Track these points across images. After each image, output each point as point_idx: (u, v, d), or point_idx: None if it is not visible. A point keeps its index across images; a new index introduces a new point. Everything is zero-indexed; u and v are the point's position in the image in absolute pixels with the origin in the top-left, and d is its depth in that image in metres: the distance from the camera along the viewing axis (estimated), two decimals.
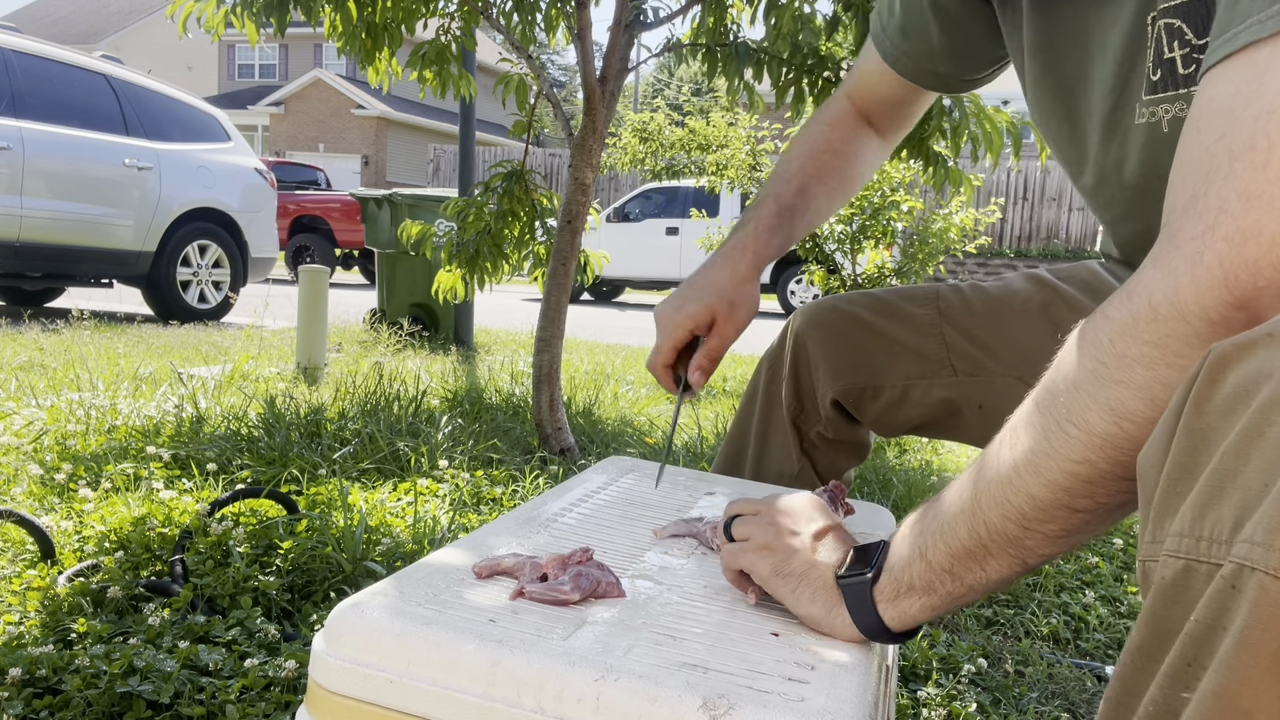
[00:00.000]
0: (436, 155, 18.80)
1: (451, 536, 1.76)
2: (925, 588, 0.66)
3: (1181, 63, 0.76)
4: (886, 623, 0.67)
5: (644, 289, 13.43)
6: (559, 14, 2.68)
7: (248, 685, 1.19)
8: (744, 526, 0.76)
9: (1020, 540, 0.63)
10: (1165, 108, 0.79)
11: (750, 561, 0.73)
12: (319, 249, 13.07)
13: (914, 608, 0.67)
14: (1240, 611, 0.46)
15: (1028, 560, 0.64)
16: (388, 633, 0.60)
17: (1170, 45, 0.77)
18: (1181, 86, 0.77)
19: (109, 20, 30.56)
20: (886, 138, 1.23)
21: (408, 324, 5.31)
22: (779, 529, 0.74)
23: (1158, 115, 0.80)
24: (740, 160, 6.20)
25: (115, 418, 2.48)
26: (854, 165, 1.19)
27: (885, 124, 1.21)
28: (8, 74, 5.38)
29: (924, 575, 0.66)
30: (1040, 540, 0.63)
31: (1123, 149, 0.86)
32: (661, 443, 2.75)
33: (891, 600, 0.67)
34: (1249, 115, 0.58)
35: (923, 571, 0.66)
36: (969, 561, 0.65)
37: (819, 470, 1.22)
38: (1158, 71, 0.78)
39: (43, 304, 6.93)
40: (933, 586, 0.66)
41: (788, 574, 0.71)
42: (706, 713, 0.55)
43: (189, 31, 2.61)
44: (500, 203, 2.77)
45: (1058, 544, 0.63)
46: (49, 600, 1.38)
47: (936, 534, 0.66)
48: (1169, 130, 0.79)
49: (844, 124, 1.19)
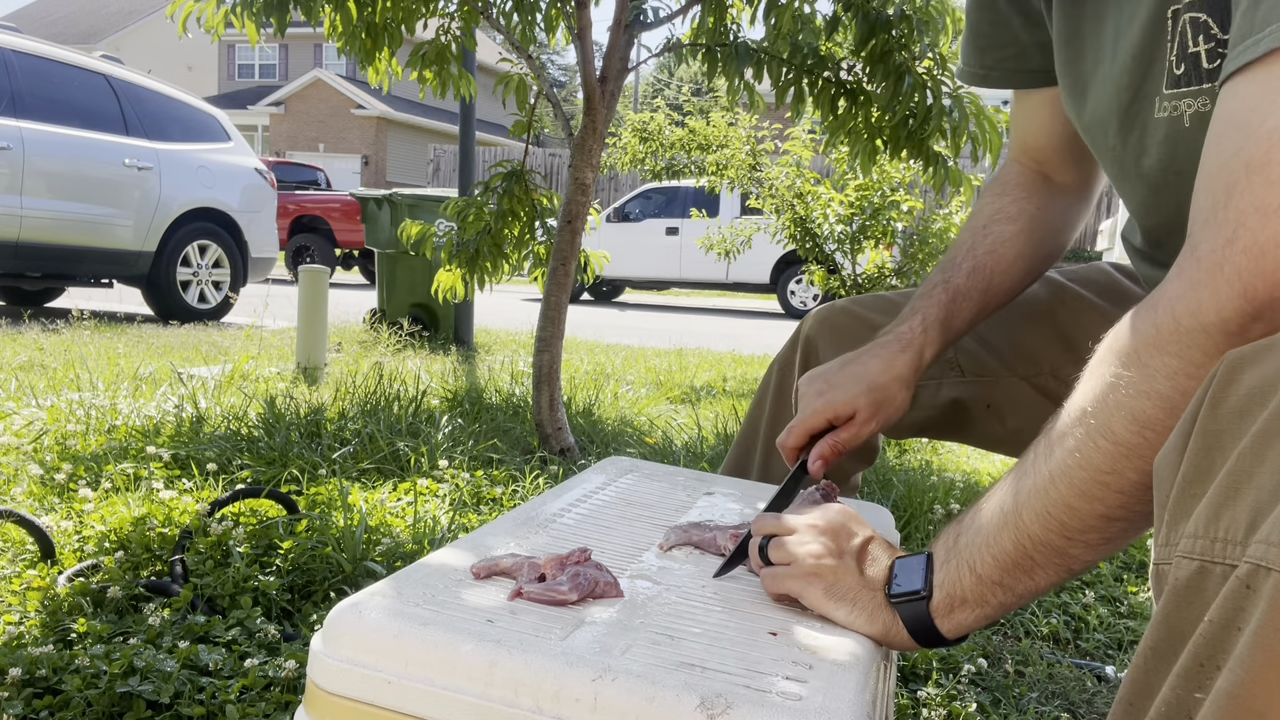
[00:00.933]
0: (436, 155, 18.81)
1: (451, 536, 1.76)
2: (978, 600, 0.67)
3: (1206, 57, 0.76)
4: (944, 634, 0.69)
5: (644, 289, 13.43)
6: (559, 14, 2.68)
7: (248, 685, 1.19)
8: (782, 550, 0.75)
9: (1064, 550, 0.64)
10: (1188, 102, 0.78)
11: (799, 588, 0.72)
12: (319, 249, 13.07)
13: (969, 619, 0.68)
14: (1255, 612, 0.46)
15: (1073, 568, 0.65)
16: (386, 633, 0.60)
17: (1195, 39, 0.76)
18: (1205, 81, 0.76)
19: (109, 20, 30.56)
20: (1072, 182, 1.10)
21: (408, 324, 5.31)
22: (821, 551, 0.74)
23: (1179, 109, 0.79)
24: (740, 160, 6.20)
25: (115, 418, 2.48)
26: (1038, 225, 1.08)
27: (1062, 166, 1.09)
28: (8, 74, 5.38)
29: (975, 589, 0.67)
30: (1083, 549, 0.64)
31: (1141, 142, 0.85)
32: (661, 443, 2.75)
33: (946, 615, 0.68)
34: (1265, 130, 0.59)
35: (974, 585, 0.67)
36: (1017, 573, 0.66)
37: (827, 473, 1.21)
38: (1181, 65, 0.78)
39: (43, 304, 6.93)
40: (985, 599, 0.67)
41: (840, 598, 0.71)
42: (704, 712, 0.55)
43: (189, 31, 2.61)
44: (500, 203, 2.77)
45: (1099, 551, 0.64)
46: (49, 600, 1.38)
47: (982, 547, 0.67)
48: (1190, 125, 0.78)
49: (1016, 187, 1.10)
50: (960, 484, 2.47)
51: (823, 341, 1.19)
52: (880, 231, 5.27)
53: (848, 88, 2.57)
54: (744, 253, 6.92)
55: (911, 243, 5.46)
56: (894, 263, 5.54)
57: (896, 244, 5.42)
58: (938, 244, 5.32)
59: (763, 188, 5.86)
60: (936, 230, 5.33)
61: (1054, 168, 1.10)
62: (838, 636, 0.68)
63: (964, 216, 5.42)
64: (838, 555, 0.73)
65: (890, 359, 1.02)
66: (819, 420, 1.01)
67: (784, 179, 5.63)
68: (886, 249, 5.48)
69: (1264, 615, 0.46)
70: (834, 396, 1.01)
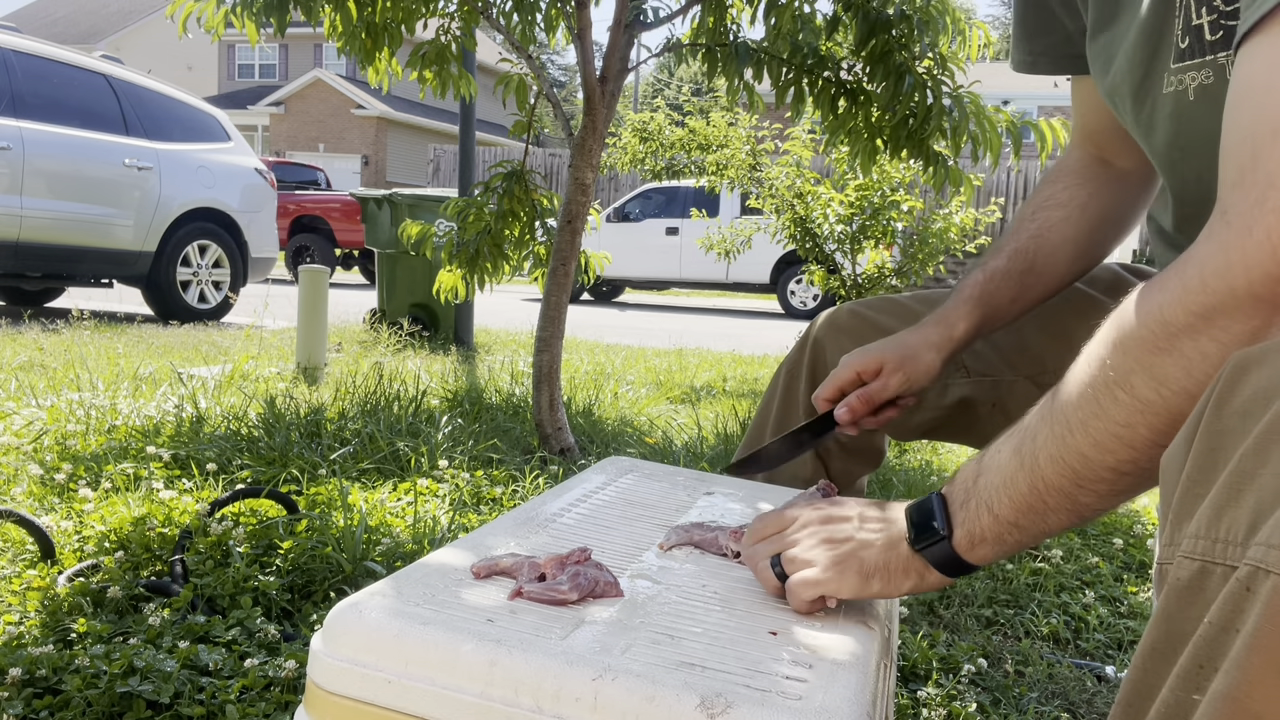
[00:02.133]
0: (436, 155, 18.80)
1: (451, 536, 1.76)
2: (995, 539, 0.69)
3: (1209, 29, 0.76)
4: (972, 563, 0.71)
5: (644, 289, 13.43)
6: (559, 14, 2.68)
7: (248, 685, 1.19)
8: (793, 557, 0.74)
9: (1075, 497, 0.65)
10: (1192, 75, 0.78)
11: (834, 587, 0.72)
12: (319, 249, 13.07)
13: (988, 553, 0.70)
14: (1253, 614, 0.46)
15: (1083, 514, 0.66)
16: (385, 633, 0.60)
17: (1199, 11, 0.76)
18: (1208, 53, 0.76)
19: (109, 20, 30.56)
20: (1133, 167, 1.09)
21: (408, 324, 5.31)
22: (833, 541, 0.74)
23: (1184, 84, 0.79)
24: (740, 160, 6.19)
25: (115, 418, 2.48)
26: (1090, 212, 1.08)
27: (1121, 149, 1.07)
28: (8, 74, 5.38)
29: (993, 528, 0.69)
30: (1093, 497, 0.65)
31: (1151, 118, 0.86)
32: (661, 442, 2.75)
33: (968, 551, 0.70)
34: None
35: (991, 524, 0.69)
36: (1031, 515, 0.67)
37: (832, 474, 1.22)
38: (1185, 39, 0.78)
39: (43, 304, 6.93)
40: (1001, 538, 0.69)
41: (873, 573, 0.72)
42: (704, 711, 0.55)
43: (189, 31, 2.61)
44: (500, 203, 2.77)
45: (1108, 500, 0.65)
46: (49, 600, 1.38)
47: (1000, 489, 0.68)
48: (1195, 99, 0.78)
49: (1070, 174, 1.10)
50: None
51: (830, 344, 1.19)
52: (880, 231, 5.27)
53: (848, 88, 2.57)
54: (744, 253, 6.92)
55: (911, 243, 5.46)
56: (894, 263, 5.54)
57: (896, 244, 5.42)
58: (938, 244, 5.32)
59: (763, 188, 5.86)
60: (936, 230, 5.33)
61: (1113, 151, 1.09)
62: (838, 636, 0.68)
63: (964, 216, 5.42)
64: (849, 540, 0.74)
65: (927, 331, 1.06)
66: (848, 373, 1.05)
67: (784, 179, 5.63)
68: (886, 249, 5.48)
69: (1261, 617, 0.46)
70: (865, 354, 1.06)
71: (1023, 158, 13.69)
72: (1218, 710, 0.47)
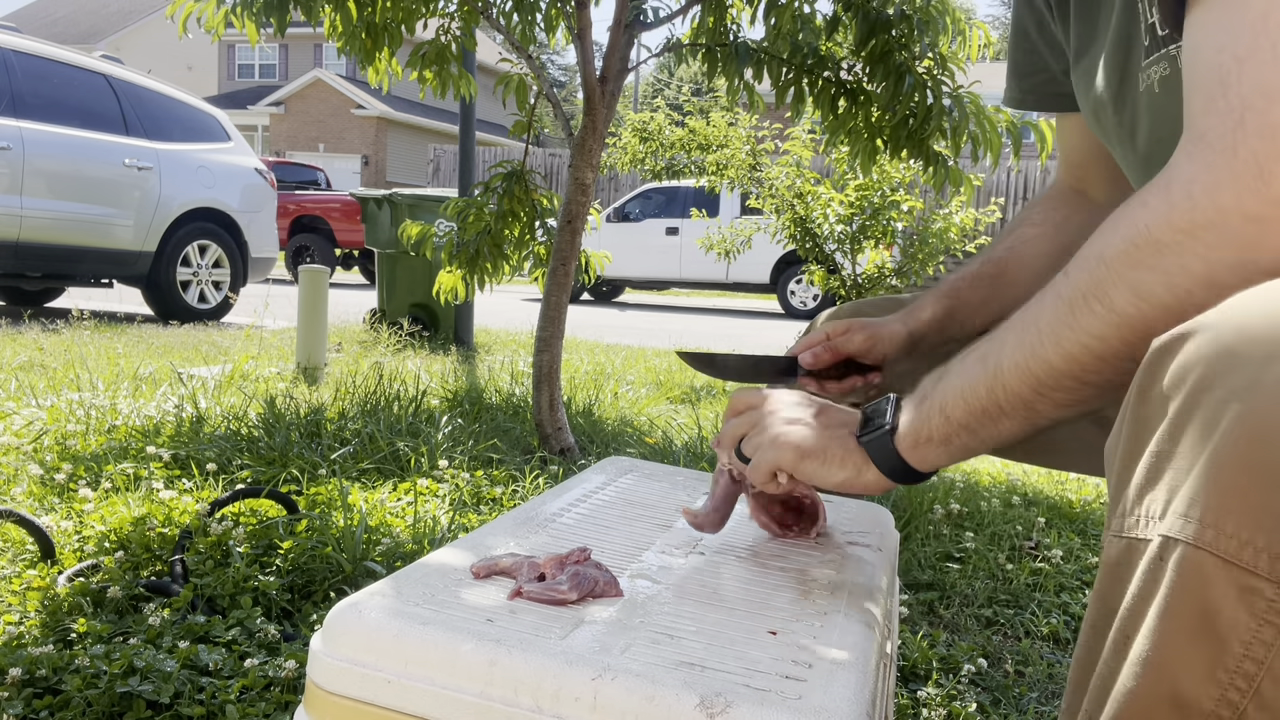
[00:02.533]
0: (436, 155, 18.80)
1: (451, 536, 1.76)
2: (943, 440, 0.72)
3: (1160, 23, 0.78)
4: (912, 465, 0.73)
5: (644, 289, 13.43)
6: (559, 14, 2.68)
7: (248, 685, 1.19)
8: (752, 439, 0.79)
9: (1033, 405, 0.67)
10: (1155, 70, 0.80)
11: (775, 458, 0.77)
12: (319, 249, 13.07)
13: (932, 454, 0.73)
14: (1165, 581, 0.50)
15: (1037, 422, 0.68)
16: (385, 632, 0.60)
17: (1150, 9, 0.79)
18: (1162, 47, 0.78)
19: (109, 20, 30.56)
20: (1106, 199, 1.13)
21: (408, 324, 5.31)
22: (785, 420, 0.79)
23: (1150, 78, 0.81)
24: (740, 160, 6.20)
25: (115, 418, 2.48)
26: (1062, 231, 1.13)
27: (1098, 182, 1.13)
28: (8, 74, 5.38)
29: (942, 429, 0.71)
30: (1050, 406, 0.67)
31: (1133, 120, 0.88)
32: (661, 442, 2.75)
33: (911, 449, 0.73)
34: (1245, 21, 0.59)
35: (941, 425, 0.71)
36: (985, 420, 0.69)
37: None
38: (1147, 38, 0.81)
39: (43, 304, 6.93)
40: (949, 439, 0.71)
41: (810, 454, 0.76)
42: (704, 711, 0.55)
43: (189, 31, 2.61)
44: (500, 203, 2.77)
45: (1064, 410, 0.67)
46: (49, 600, 1.38)
47: (958, 394, 0.70)
48: (1160, 91, 0.80)
49: (1050, 199, 1.16)
50: (960, 484, 2.47)
51: None
52: (880, 231, 5.28)
53: (848, 88, 2.57)
54: (744, 253, 6.93)
55: (911, 243, 5.46)
56: (894, 263, 5.54)
57: (896, 244, 5.42)
58: (938, 244, 5.32)
59: (763, 188, 5.86)
60: (936, 230, 5.33)
61: (1090, 184, 1.14)
62: (838, 635, 0.68)
63: (964, 216, 5.42)
64: (799, 421, 0.78)
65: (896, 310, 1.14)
66: (818, 335, 1.10)
67: (784, 179, 5.63)
68: (886, 249, 5.48)
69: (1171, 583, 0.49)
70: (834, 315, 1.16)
71: (1023, 158, 13.70)
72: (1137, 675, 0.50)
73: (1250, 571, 0.47)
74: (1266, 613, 0.47)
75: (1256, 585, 0.47)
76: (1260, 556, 0.47)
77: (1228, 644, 0.48)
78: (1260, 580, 0.47)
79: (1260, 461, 0.47)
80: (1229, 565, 0.47)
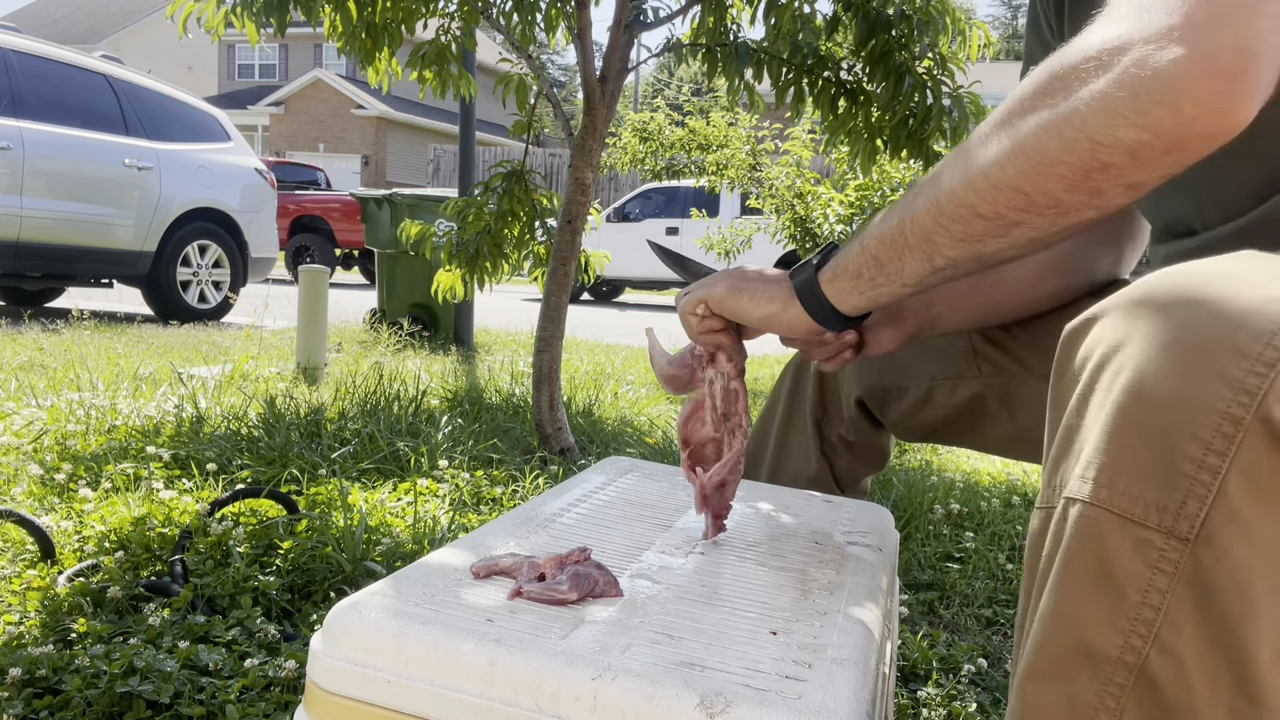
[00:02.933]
0: (436, 155, 18.79)
1: (451, 536, 1.76)
2: (855, 272, 0.76)
3: None
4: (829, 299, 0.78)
5: (644, 289, 13.42)
6: (559, 14, 2.68)
7: (248, 685, 1.19)
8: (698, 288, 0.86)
9: (931, 236, 0.70)
10: None
11: (705, 292, 0.83)
12: (319, 249, 13.06)
13: (846, 288, 0.77)
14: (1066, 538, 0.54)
15: (935, 260, 0.71)
16: (385, 632, 0.60)
17: None
18: None
19: (109, 20, 30.56)
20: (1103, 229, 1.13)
21: (408, 324, 5.31)
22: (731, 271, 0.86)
23: None
24: (740, 160, 6.20)
25: (115, 418, 2.48)
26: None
27: None
28: (8, 74, 5.38)
29: (857, 259, 0.76)
30: (946, 240, 0.69)
31: None
32: (661, 442, 2.75)
33: (830, 281, 0.78)
34: None
35: (857, 255, 0.76)
36: (890, 250, 0.73)
37: (836, 474, 1.23)
38: None
39: (43, 304, 6.92)
40: (861, 271, 0.76)
41: (742, 288, 0.82)
42: (704, 711, 0.55)
43: (189, 31, 2.61)
44: (500, 203, 2.77)
45: (960, 247, 0.70)
46: (49, 600, 1.38)
47: (876, 225, 0.75)
48: None
49: None
50: (960, 484, 2.47)
51: None
52: None
53: (848, 88, 2.57)
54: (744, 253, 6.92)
55: None
56: None
57: None
58: None
59: (763, 188, 5.86)
60: None
61: None
62: (837, 635, 0.68)
63: None
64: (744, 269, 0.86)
65: None
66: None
67: (784, 179, 5.63)
68: None
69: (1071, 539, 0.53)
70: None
71: None
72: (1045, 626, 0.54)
73: (1142, 524, 0.51)
74: (1159, 562, 0.50)
75: (1148, 537, 0.51)
76: (1150, 510, 0.51)
77: (1126, 593, 0.51)
78: (1151, 532, 0.50)
79: (1146, 422, 0.51)
80: (1123, 520, 0.51)
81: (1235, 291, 0.52)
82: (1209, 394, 0.49)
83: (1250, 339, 0.49)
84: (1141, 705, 0.52)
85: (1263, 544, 0.49)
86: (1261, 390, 0.48)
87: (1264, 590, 0.49)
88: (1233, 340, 0.50)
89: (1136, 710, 0.52)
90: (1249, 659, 0.49)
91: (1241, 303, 0.51)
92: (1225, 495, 0.49)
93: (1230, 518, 0.49)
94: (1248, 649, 0.49)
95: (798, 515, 1.00)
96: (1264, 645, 0.49)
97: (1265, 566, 0.49)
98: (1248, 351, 0.49)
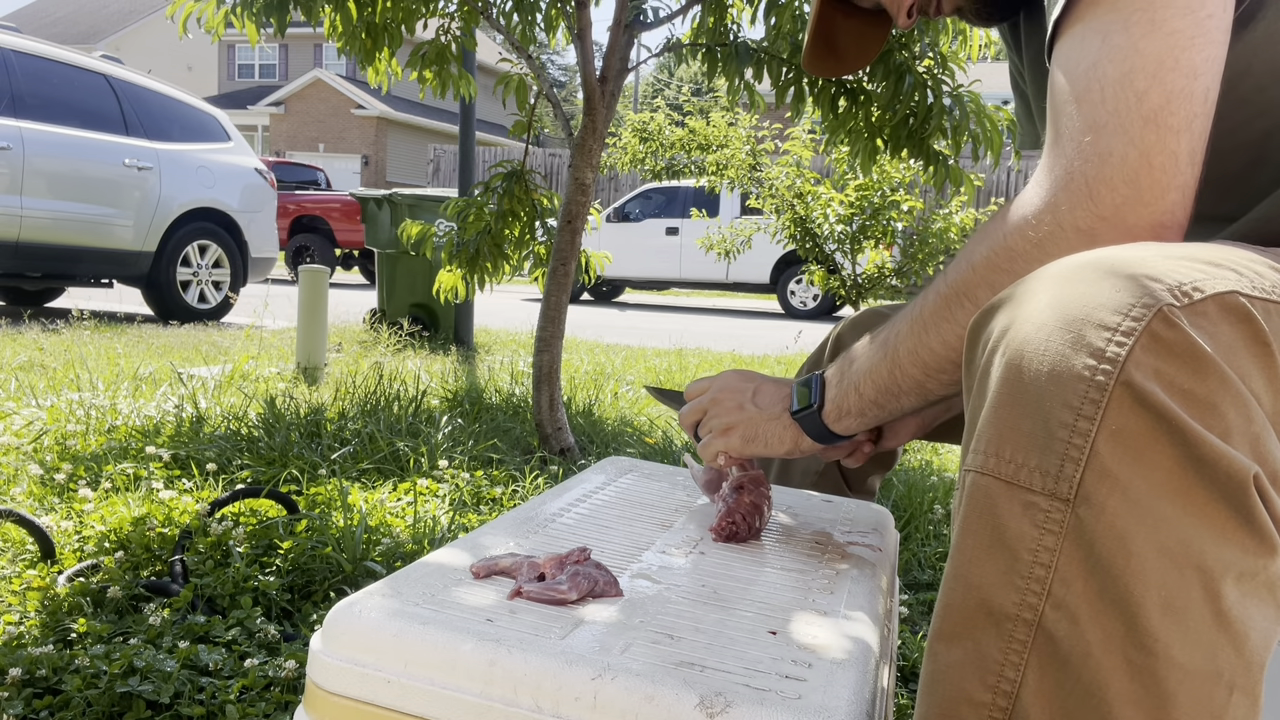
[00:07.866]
0: (436, 155, 18.79)
1: (451, 536, 1.76)
2: (859, 413, 0.84)
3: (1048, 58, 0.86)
4: (838, 433, 0.86)
5: (644, 289, 13.42)
6: (559, 14, 2.68)
7: (248, 685, 1.19)
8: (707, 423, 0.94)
9: (923, 384, 0.78)
10: None
11: (724, 444, 0.91)
12: (319, 249, 13.06)
13: (852, 425, 0.85)
14: (963, 507, 0.59)
15: (929, 398, 0.80)
16: (385, 632, 0.60)
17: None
18: None
19: (109, 20, 30.55)
20: None
21: (408, 324, 5.31)
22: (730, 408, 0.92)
23: None
24: (740, 160, 6.20)
25: (115, 418, 2.48)
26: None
27: None
28: (8, 74, 5.38)
29: (857, 404, 0.83)
30: (938, 385, 0.78)
31: None
32: (661, 442, 2.75)
33: (835, 421, 0.85)
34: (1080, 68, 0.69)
35: (856, 401, 0.83)
36: (888, 396, 0.81)
37: (844, 474, 1.23)
38: None
39: (43, 304, 6.92)
40: (864, 412, 0.83)
41: (754, 438, 0.90)
42: (703, 711, 0.55)
43: (189, 31, 2.61)
44: (500, 203, 2.77)
45: (949, 389, 0.78)
46: (49, 600, 1.38)
47: (866, 374, 0.82)
48: None
49: None
50: None
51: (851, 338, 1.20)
52: (880, 231, 5.28)
53: (848, 87, 2.57)
54: (744, 253, 6.92)
55: (911, 242, 5.46)
56: (894, 262, 5.54)
57: (896, 244, 5.42)
58: (938, 244, 5.32)
59: (763, 188, 5.86)
60: (936, 230, 5.33)
61: None
62: (837, 635, 0.68)
63: (964, 216, 5.42)
64: (740, 409, 0.92)
65: None
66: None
67: (784, 179, 5.63)
68: (886, 249, 5.48)
69: (967, 508, 0.58)
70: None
71: (1024, 157, 13.68)
72: (949, 589, 0.59)
73: (1027, 489, 0.55)
74: (1045, 523, 0.55)
75: (1034, 500, 0.55)
76: (1034, 475, 0.55)
77: (1019, 554, 0.55)
78: (1036, 495, 0.55)
79: (1026, 395, 0.56)
80: (1010, 486, 0.56)
81: (1113, 271, 0.57)
82: (1077, 365, 0.54)
83: (1112, 312, 0.54)
84: (1042, 659, 0.55)
85: (1137, 498, 0.52)
86: (1121, 358, 0.53)
87: (1143, 542, 0.52)
88: (1098, 315, 0.55)
89: (1038, 664, 0.55)
90: (1136, 609, 0.52)
91: (1112, 281, 0.56)
92: (1098, 456, 0.53)
93: (1103, 476, 0.53)
94: (1134, 599, 0.52)
95: (797, 515, 1.00)
96: (1150, 595, 0.52)
97: (1142, 519, 0.52)
98: (1109, 324, 0.54)
